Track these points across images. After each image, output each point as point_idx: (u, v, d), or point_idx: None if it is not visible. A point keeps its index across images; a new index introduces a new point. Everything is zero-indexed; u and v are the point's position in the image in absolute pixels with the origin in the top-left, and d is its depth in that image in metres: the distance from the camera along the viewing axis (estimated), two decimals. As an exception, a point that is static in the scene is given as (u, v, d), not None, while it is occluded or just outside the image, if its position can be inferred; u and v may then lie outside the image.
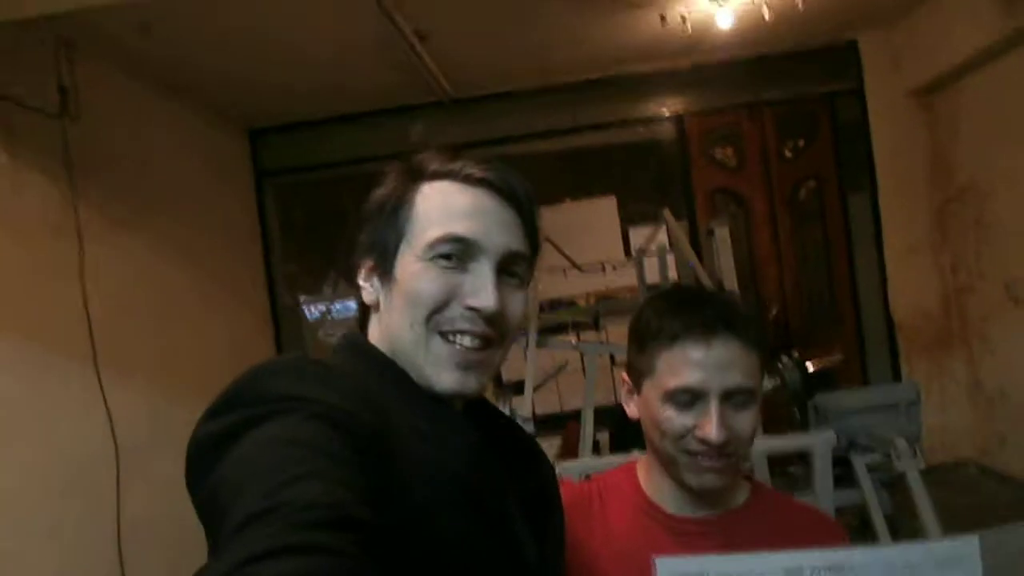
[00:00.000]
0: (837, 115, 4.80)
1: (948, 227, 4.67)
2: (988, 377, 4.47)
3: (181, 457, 0.62)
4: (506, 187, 0.76)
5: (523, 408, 2.88)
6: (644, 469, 1.00)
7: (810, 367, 3.15)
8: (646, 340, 0.92)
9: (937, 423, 4.56)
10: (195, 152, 4.00)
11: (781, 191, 4.81)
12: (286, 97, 4.27)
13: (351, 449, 0.58)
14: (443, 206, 0.75)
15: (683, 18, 3.68)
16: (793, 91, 4.78)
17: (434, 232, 0.73)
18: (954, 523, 3.23)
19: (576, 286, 4.70)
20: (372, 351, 0.77)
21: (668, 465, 0.93)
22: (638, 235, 4.50)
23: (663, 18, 3.69)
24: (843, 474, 2.80)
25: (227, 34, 3.29)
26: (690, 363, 0.87)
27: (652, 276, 3.85)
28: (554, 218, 4.57)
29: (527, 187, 0.79)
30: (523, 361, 3.09)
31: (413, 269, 0.74)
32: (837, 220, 4.82)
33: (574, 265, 4.28)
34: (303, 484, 0.50)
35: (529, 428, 3.00)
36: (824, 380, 3.29)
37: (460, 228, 0.73)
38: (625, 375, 0.98)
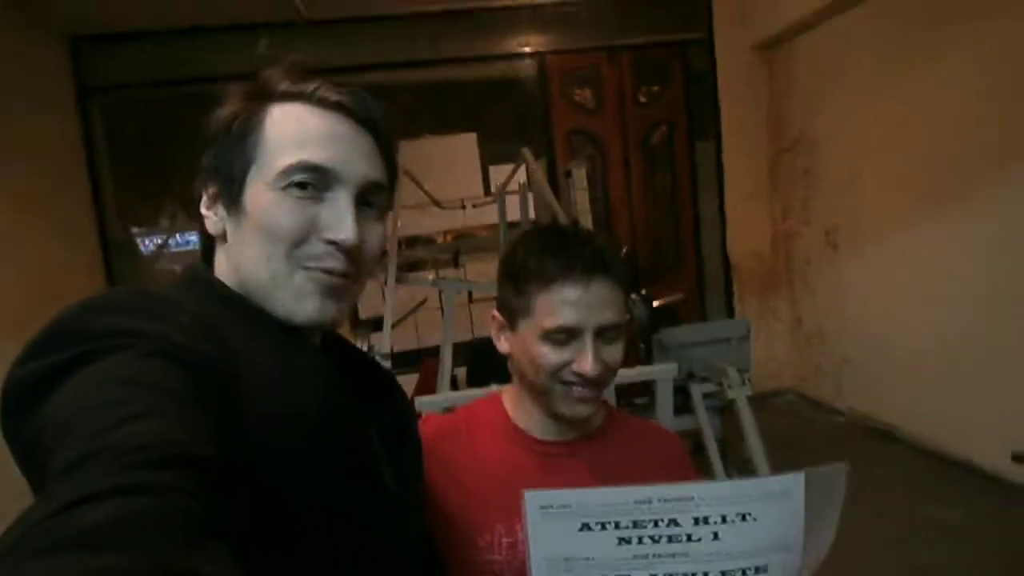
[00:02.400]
0: (689, 63, 5.00)
1: (780, 176, 5.05)
2: (808, 315, 4.95)
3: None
4: (363, 112, 0.72)
5: (381, 345, 2.84)
6: (511, 399, 1.03)
7: (655, 304, 3.33)
8: (522, 280, 0.93)
9: (763, 356, 5.03)
10: (7, 60, 3.50)
11: (635, 135, 4.97)
12: (111, 5, 3.82)
13: (193, 386, 0.54)
14: (296, 131, 0.69)
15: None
16: (650, 37, 4.91)
17: (287, 159, 0.68)
18: (776, 443, 3.60)
19: (436, 223, 4.67)
20: (217, 284, 0.72)
21: (540, 396, 0.96)
22: (498, 173, 4.51)
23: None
24: (682, 402, 3.03)
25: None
26: (568, 303, 0.89)
27: (512, 214, 3.89)
28: (414, 153, 4.47)
29: (383, 113, 0.74)
30: (381, 298, 3.04)
31: (265, 199, 0.69)
32: (684, 165, 5.07)
33: (434, 202, 4.23)
34: (138, 423, 0.46)
35: (387, 364, 2.98)
36: (667, 316, 3.50)
37: (315, 155, 0.69)
38: (496, 312, 0.99)
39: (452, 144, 4.75)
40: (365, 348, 3.08)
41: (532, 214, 4.13)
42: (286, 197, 0.68)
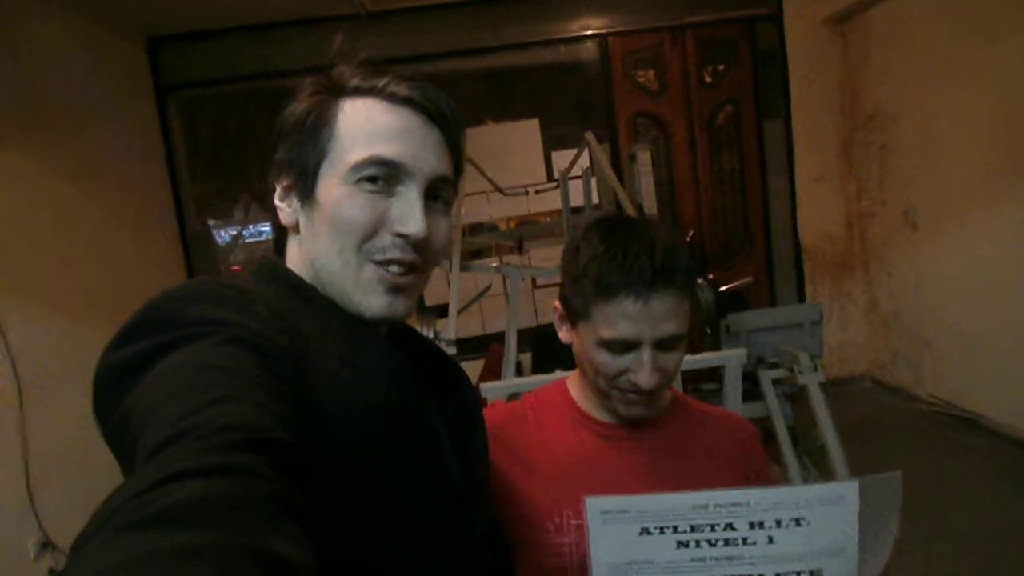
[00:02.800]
0: (756, 40, 4.85)
1: (855, 154, 4.86)
2: (885, 298, 4.77)
3: (88, 385, 0.59)
4: (432, 106, 0.73)
5: (447, 331, 2.88)
6: (576, 384, 1.04)
7: (722, 288, 3.27)
8: (583, 284, 0.90)
9: (837, 341, 4.87)
10: (86, 62, 3.68)
11: (700, 116, 4.86)
12: (188, 3, 3.96)
13: (268, 372, 0.56)
14: (367, 126, 0.71)
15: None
16: (715, 15, 4.78)
17: (359, 154, 0.70)
18: (851, 431, 3.50)
19: (499, 210, 4.69)
20: (290, 275, 0.74)
21: (601, 395, 0.97)
22: (561, 158, 4.49)
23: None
24: (751, 389, 2.97)
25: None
26: (626, 317, 0.87)
27: (575, 199, 3.87)
28: (477, 140, 4.49)
29: (453, 107, 0.76)
30: (446, 285, 3.08)
31: (338, 193, 0.71)
32: (752, 146, 4.93)
33: (497, 188, 4.24)
34: (220, 407, 0.48)
35: (452, 351, 3.02)
36: (735, 301, 3.43)
37: (386, 150, 0.70)
38: (558, 303, 0.98)
39: (514, 131, 4.75)
40: (431, 334, 3.12)
41: (596, 199, 4.10)
42: (358, 191, 0.70)
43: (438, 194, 0.75)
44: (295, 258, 0.76)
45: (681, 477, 0.96)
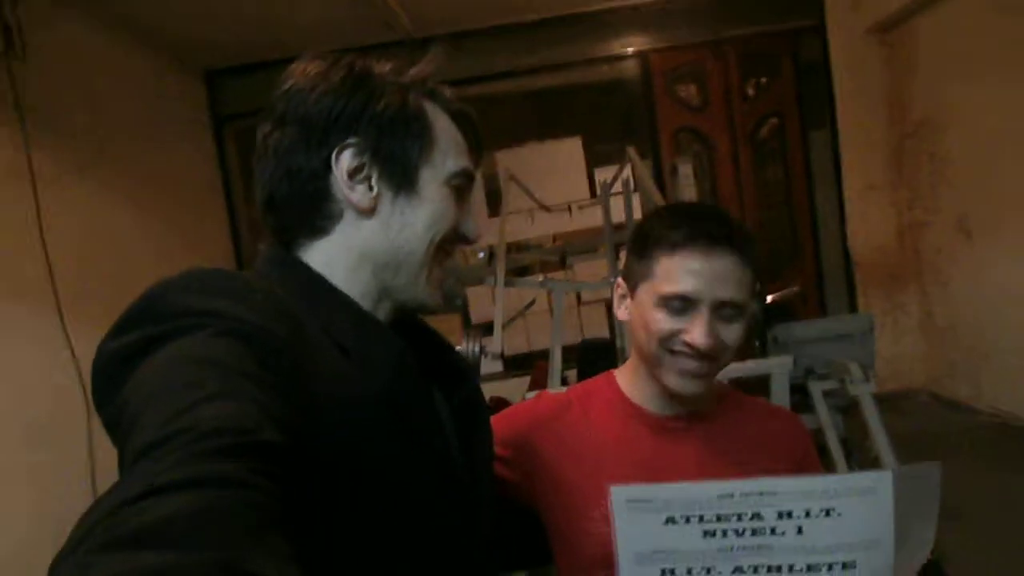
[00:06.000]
0: (799, 52, 4.82)
1: (904, 163, 4.76)
2: (939, 309, 4.64)
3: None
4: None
5: (493, 346, 2.92)
6: (625, 375, 1.05)
7: (769, 299, 3.24)
8: (648, 246, 0.94)
9: (891, 354, 4.75)
10: (149, 95, 3.88)
11: (743, 129, 4.84)
12: (243, 37, 4.14)
13: (264, 367, 0.55)
14: (455, 138, 0.80)
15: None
16: (756, 28, 4.77)
17: (455, 163, 0.78)
18: (904, 446, 3.40)
19: (543, 227, 4.73)
20: (297, 265, 0.74)
21: (652, 366, 0.96)
22: (604, 175, 4.52)
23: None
24: (801, 402, 2.92)
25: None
26: (688, 272, 0.90)
27: (617, 215, 3.89)
28: (519, 159, 4.56)
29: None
30: (491, 302, 3.12)
31: (440, 193, 0.77)
32: (798, 157, 4.88)
33: (540, 206, 4.29)
34: (210, 406, 0.47)
35: (498, 367, 3.06)
36: (782, 312, 3.39)
37: (468, 163, 0.80)
38: (621, 280, 1.01)
39: (557, 149, 4.80)
40: (476, 350, 3.16)
41: (637, 214, 4.12)
42: (452, 195, 0.78)
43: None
44: (356, 239, 0.75)
45: (730, 469, 0.96)
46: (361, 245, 0.75)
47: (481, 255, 4.81)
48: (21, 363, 2.63)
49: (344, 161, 0.73)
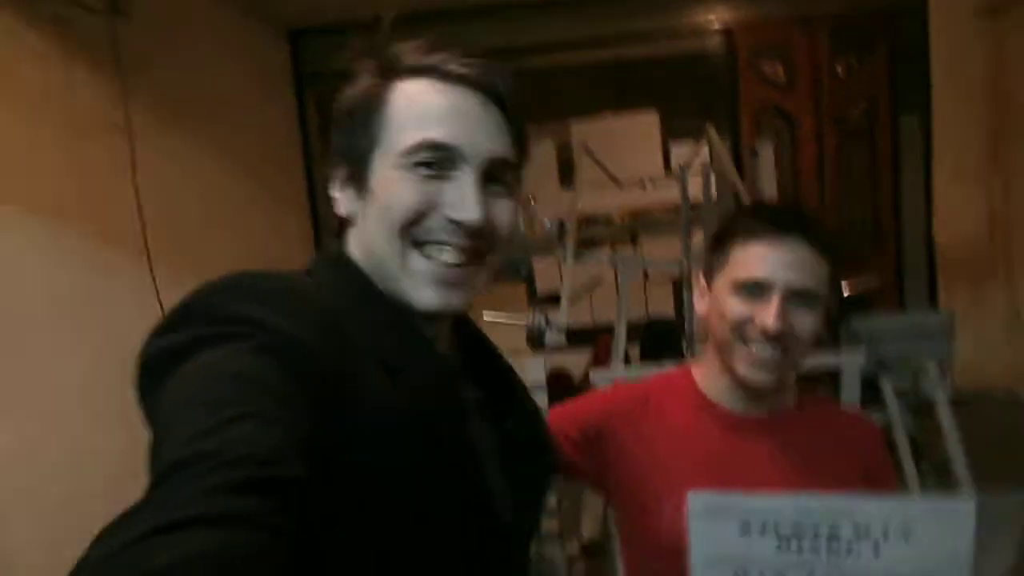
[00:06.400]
0: (896, 32, 4.58)
1: (1001, 152, 4.50)
2: (1027, 308, 4.41)
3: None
4: (489, 85, 0.70)
5: (559, 319, 2.94)
6: (702, 370, 1.05)
7: (846, 289, 3.14)
8: (724, 238, 0.98)
9: (972, 352, 4.55)
10: (237, 53, 3.98)
11: (831, 111, 4.65)
12: (328, -1, 4.20)
13: (299, 386, 0.54)
14: (420, 108, 0.68)
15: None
16: (850, 6, 4.54)
17: (410, 137, 0.67)
18: (985, 449, 3.28)
19: (614, 201, 4.68)
20: (349, 268, 0.72)
21: (726, 355, 0.97)
22: (679, 151, 4.44)
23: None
24: (872, 398, 2.85)
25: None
26: (760, 258, 0.92)
27: (693, 194, 3.81)
28: (594, 131, 4.50)
29: (513, 84, 0.72)
30: (557, 273, 3.13)
31: (389, 177, 0.68)
32: (886, 143, 4.67)
33: (613, 180, 4.24)
34: (237, 428, 0.47)
35: (561, 340, 3.07)
36: (858, 304, 3.29)
37: (439, 133, 0.67)
38: (701, 275, 1.03)
39: (632, 122, 4.72)
40: (542, 321, 3.18)
41: (714, 194, 4.03)
42: (410, 175, 0.67)
43: (499, 177, 0.70)
44: (355, 250, 0.73)
45: (804, 472, 0.96)
46: (359, 256, 0.73)
47: (548, 225, 4.80)
48: (116, 306, 2.77)
49: (334, 170, 0.75)
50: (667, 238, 4.05)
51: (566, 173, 4.73)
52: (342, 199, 0.74)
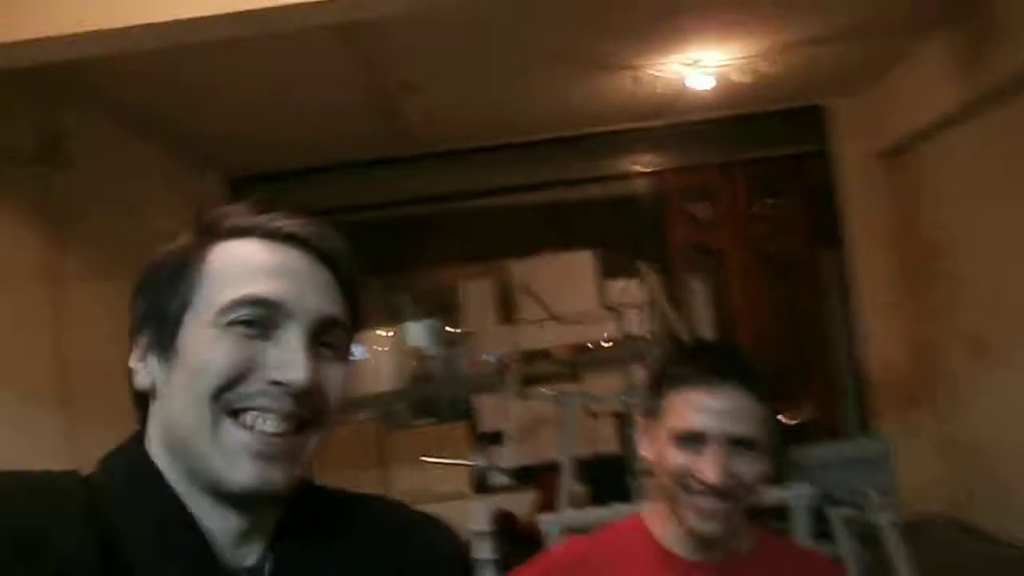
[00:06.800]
0: (808, 175, 4.97)
1: (916, 284, 4.80)
2: (959, 432, 4.54)
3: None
4: (320, 243, 0.64)
5: (502, 460, 2.87)
6: (657, 518, 1.02)
7: (785, 421, 3.19)
8: (658, 383, 0.96)
9: (908, 478, 4.61)
10: (178, 200, 4.00)
11: (754, 248, 4.92)
12: (268, 146, 4.32)
13: None
14: (242, 264, 0.61)
15: (655, 79, 3.83)
16: (764, 151, 4.94)
17: (229, 294, 0.59)
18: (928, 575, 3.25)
19: (553, 337, 4.73)
20: (131, 448, 0.63)
21: (672, 505, 0.95)
22: (614, 288, 4.57)
23: (635, 80, 3.84)
24: (818, 528, 2.82)
25: (214, 84, 3.35)
26: (695, 408, 0.90)
27: (628, 328, 3.90)
28: (533, 270, 4.62)
29: (346, 246, 0.66)
30: (501, 412, 3.09)
31: (201, 338, 0.59)
32: (808, 277, 4.94)
33: (552, 316, 4.31)
34: None
35: (504, 480, 3.00)
36: (796, 434, 3.33)
37: (263, 288, 0.59)
38: (641, 417, 1.02)
39: (569, 261, 4.87)
40: (484, 463, 3.11)
41: (653, 331, 4.13)
42: (227, 334, 0.58)
43: (328, 340, 0.62)
44: (153, 429, 0.63)
45: None
46: (156, 436, 0.62)
47: (491, 360, 4.79)
48: (35, 464, 2.58)
49: (135, 340, 0.63)
50: (610, 374, 4.09)
51: (505, 311, 4.78)
52: (142, 370, 0.62)
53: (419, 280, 5.70)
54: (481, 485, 2.80)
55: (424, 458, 3.11)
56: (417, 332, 6.02)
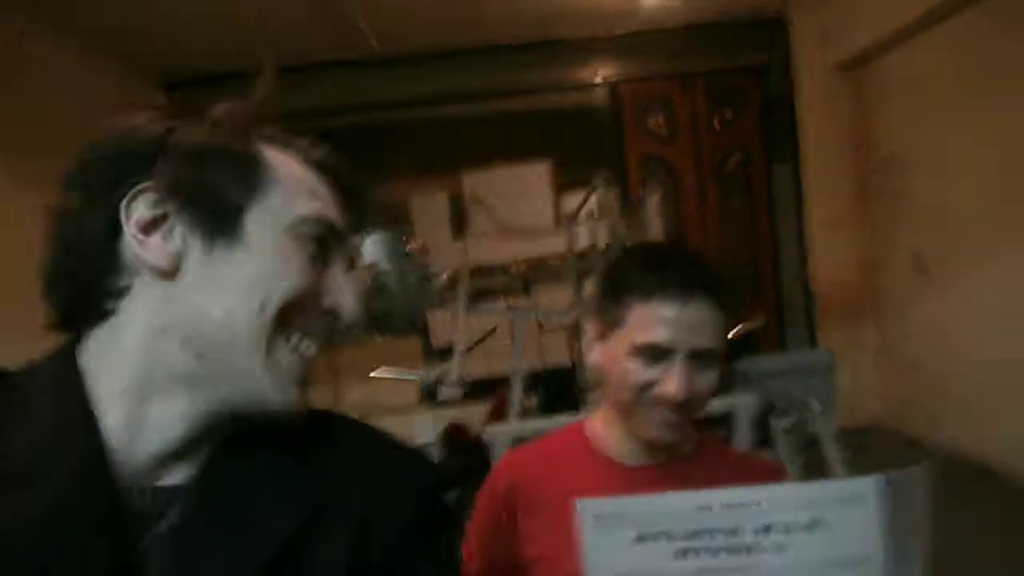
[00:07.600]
0: (766, 87, 4.89)
1: (868, 199, 4.84)
2: (898, 345, 4.69)
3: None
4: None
5: (452, 374, 2.85)
6: (596, 426, 1.00)
7: (732, 331, 3.22)
8: (620, 292, 0.91)
9: (849, 388, 4.78)
10: (104, 105, 3.76)
11: (709, 162, 4.88)
12: (206, 48, 4.05)
13: None
14: (304, 182, 0.60)
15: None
16: (724, 63, 4.83)
17: (306, 207, 0.58)
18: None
19: (507, 251, 4.68)
20: (54, 361, 0.58)
21: (626, 417, 0.93)
22: (571, 201, 4.51)
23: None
24: (761, 436, 2.90)
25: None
26: (662, 321, 0.87)
27: (583, 242, 3.86)
28: (486, 182, 4.52)
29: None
30: (452, 327, 3.06)
31: (278, 242, 0.56)
32: (762, 191, 4.94)
33: (505, 230, 4.25)
34: None
35: (458, 393, 2.99)
36: (746, 344, 3.38)
37: (331, 213, 0.60)
38: (591, 323, 0.97)
39: (524, 173, 4.77)
40: (434, 376, 3.08)
41: (604, 243, 4.10)
42: (300, 248, 0.57)
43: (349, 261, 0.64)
44: (148, 316, 0.55)
45: None
46: (154, 318, 0.55)
47: (443, 277, 4.74)
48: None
49: (136, 212, 0.55)
50: (561, 287, 4.07)
51: (458, 224, 4.70)
52: (157, 244, 0.55)
53: (371, 193, 5.54)
54: (431, 399, 2.78)
55: (375, 373, 3.07)
56: (369, 246, 5.91)
